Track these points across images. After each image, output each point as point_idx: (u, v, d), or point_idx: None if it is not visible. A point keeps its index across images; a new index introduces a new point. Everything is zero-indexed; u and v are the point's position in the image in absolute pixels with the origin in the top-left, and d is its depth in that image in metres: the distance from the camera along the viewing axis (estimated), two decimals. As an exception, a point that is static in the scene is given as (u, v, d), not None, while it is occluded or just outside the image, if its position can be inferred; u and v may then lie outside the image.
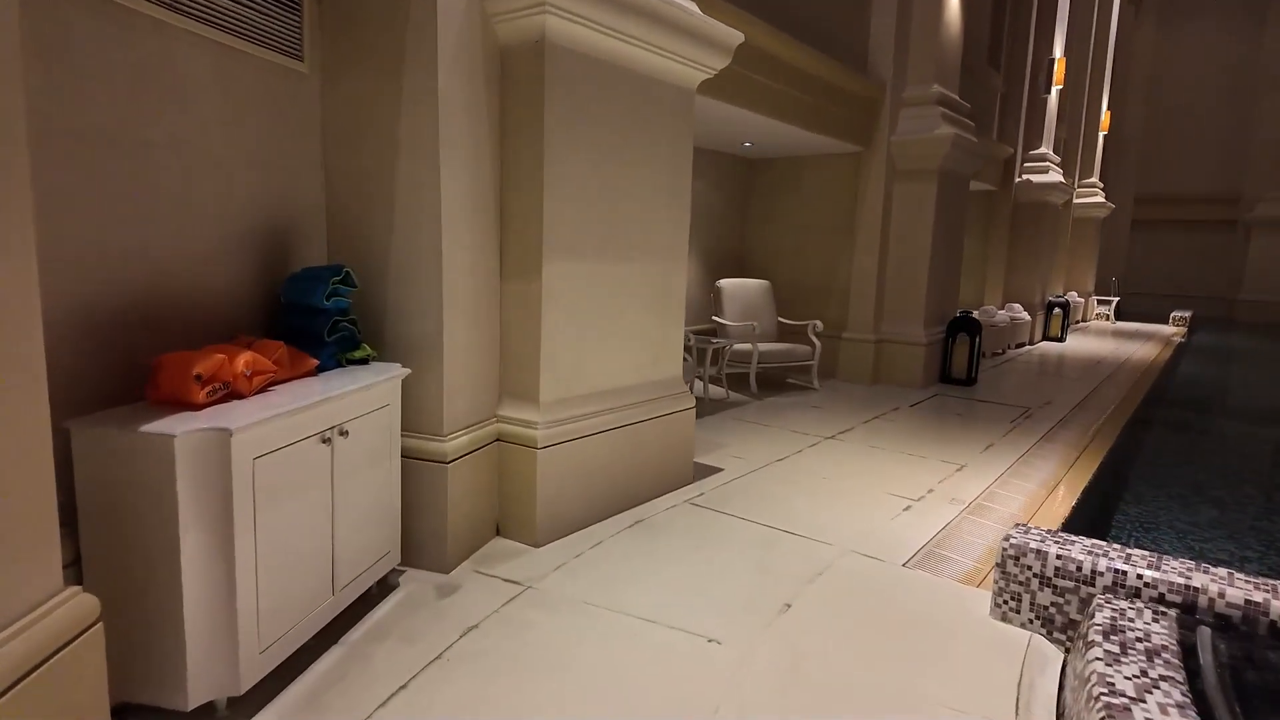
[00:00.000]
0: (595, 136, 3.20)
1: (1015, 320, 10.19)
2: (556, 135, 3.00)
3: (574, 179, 3.12)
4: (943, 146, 6.66)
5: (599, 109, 3.21)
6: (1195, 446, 6.72)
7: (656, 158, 3.57)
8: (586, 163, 3.17)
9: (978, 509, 3.79)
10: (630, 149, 3.40)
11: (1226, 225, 17.96)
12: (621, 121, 3.34)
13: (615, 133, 3.31)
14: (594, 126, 3.19)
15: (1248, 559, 4.13)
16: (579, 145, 3.13)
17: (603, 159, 3.26)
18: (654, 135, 3.53)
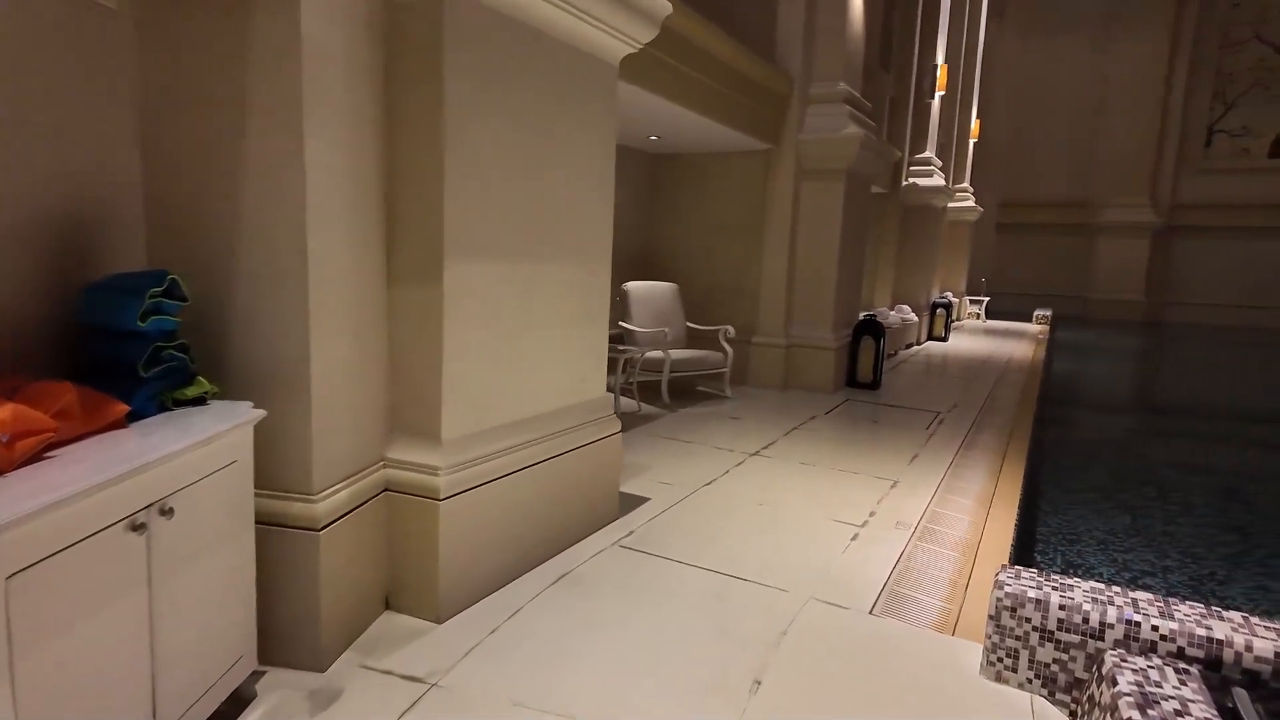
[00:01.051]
0: (511, 107, 2.62)
1: (906, 321, 10.36)
2: (461, 102, 2.40)
3: (485, 159, 2.54)
4: (851, 147, 6.49)
5: (515, 77, 2.63)
6: (1091, 446, 6.92)
7: (582, 140, 3.04)
8: (500, 140, 2.59)
9: (926, 534, 3.51)
10: (553, 127, 2.85)
11: (1079, 229, 19.46)
12: (542, 95, 2.78)
13: (535, 107, 2.74)
14: (509, 95, 2.61)
15: (1169, 568, 4.10)
16: (490, 117, 2.54)
17: (521, 137, 2.69)
18: (578, 114, 3.00)
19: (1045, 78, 19.48)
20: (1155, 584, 3.84)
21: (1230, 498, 5.48)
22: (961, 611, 2.76)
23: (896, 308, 10.61)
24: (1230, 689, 1.94)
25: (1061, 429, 7.36)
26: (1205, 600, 2.28)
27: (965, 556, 3.29)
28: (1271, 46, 17.43)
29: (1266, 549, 4.32)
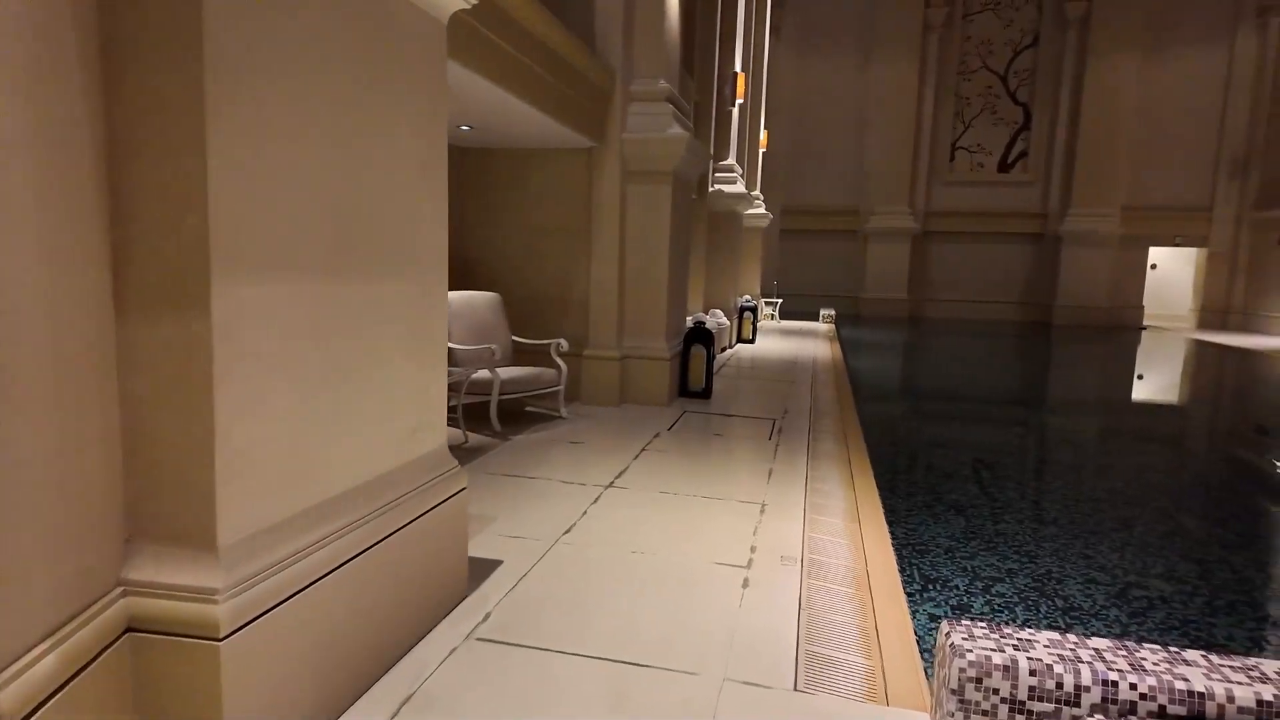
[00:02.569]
0: (308, 62, 1.84)
1: (721, 326, 10.44)
2: (231, 44, 1.60)
3: (269, 129, 1.74)
4: (677, 148, 6.20)
5: (314, 22, 1.85)
6: (906, 442, 7.22)
7: (405, 116, 2.30)
8: (291, 105, 1.81)
9: (814, 568, 3.19)
10: (365, 96, 2.10)
11: (852, 234, 21.34)
12: (351, 52, 2.02)
13: (342, 66, 1.98)
14: (305, 46, 1.83)
15: (1012, 571, 4.16)
16: (278, 75, 1.75)
17: (320, 105, 1.91)
18: (400, 81, 2.26)
19: (819, 93, 21.09)
20: (1008, 591, 3.81)
21: (1035, 483, 5.89)
22: (885, 670, 2.43)
23: (710, 312, 10.66)
24: (1229, 753, 1.73)
25: (878, 427, 7.65)
26: (1117, 634, 2.12)
27: (860, 591, 3.01)
28: (996, 75, 20.28)
29: (1082, 540, 4.56)
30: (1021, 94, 20.12)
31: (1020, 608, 3.40)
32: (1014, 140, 20.34)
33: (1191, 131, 19.25)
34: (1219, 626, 3.31)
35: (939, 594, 3.45)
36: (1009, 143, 20.38)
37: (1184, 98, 19.13)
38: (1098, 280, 19.31)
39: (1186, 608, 3.45)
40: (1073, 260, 19.34)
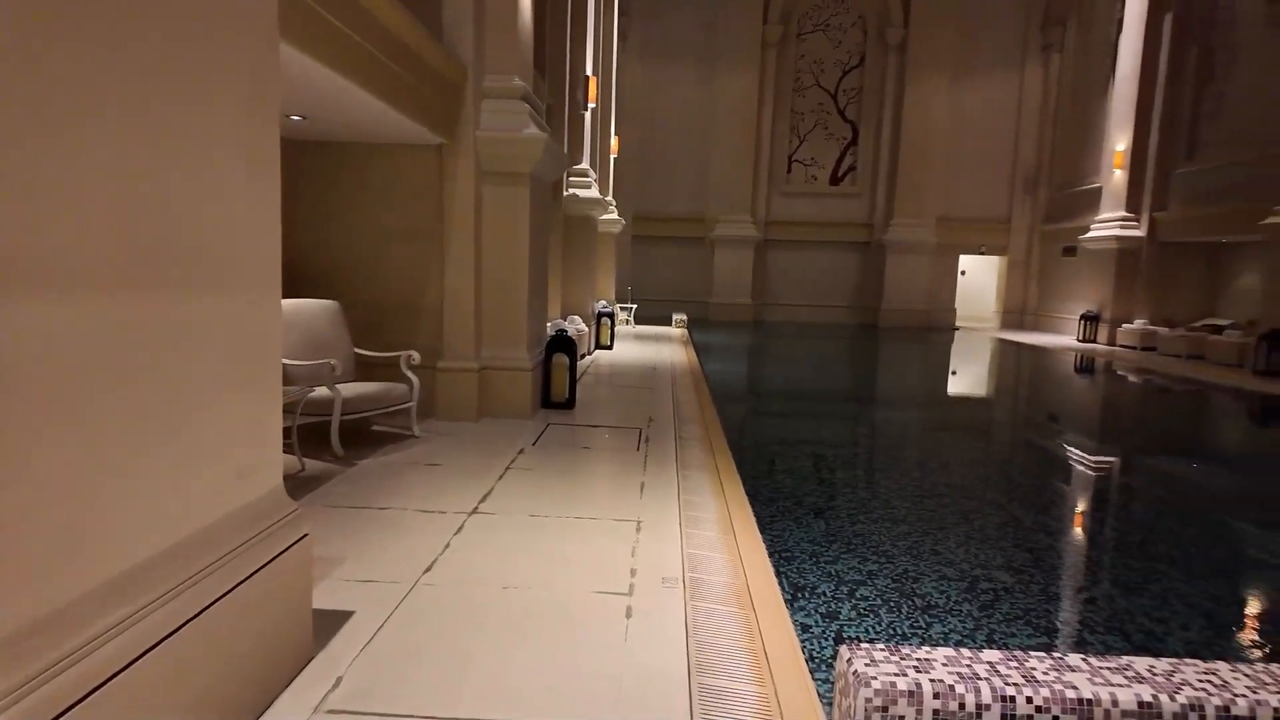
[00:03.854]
0: (99, 23, 1.44)
1: (580, 333, 10.27)
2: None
3: (46, 110, 1.34)
4: (535, 148, 5.95)
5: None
6: (766, 445, 7.38)
7: (228, 101, 1.91)
8: (78, 80, 1.40)
9: (696, 588, 3.08)
10: (179, 73, 1.70)
11: (699, 241, 21.93)
12: (155, 17, 1.62)
13: (142, 32, 1.58)
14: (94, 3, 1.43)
15: (873, 573, 4.30)
16: (57, 35, 1.35)
17: (118, 80, 1.51)
18: (223, 58, 1.87)
19: (667, 103, 21.51)
20: (871, 594, 3.89)
21: (885, 481, 6.21)
22: (779, 696, 2.35)
23: (569, 318, 10.46)
24: (1117, 760, 1.78)
25: (738, 432, 7.79)
26: (1051, 652, 2.17)
27: (744, 609, 2.93)
28: (827, 92, 21.64)
29: (931, 537, 4.82)
30: (850, 111, 21.61)
31: (884, 610, 3.48)
32: (844, 155, 21.79)
33: (992, 151, 21.56)
34: (1055, 613, 3.57)
35: (809, 602, 3.46)
36: (839, 157, 21.82)
37: (985, 120, 21.39)
38: (917, 285, 21.11)
39: (1027, 596, 3.69)
40: (896, 267, 21.02)
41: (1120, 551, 4.47)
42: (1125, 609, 3.55)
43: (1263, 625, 3.63)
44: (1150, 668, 2.01)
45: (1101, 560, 4.38)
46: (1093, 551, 4.58)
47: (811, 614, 3.31)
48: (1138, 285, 16.43)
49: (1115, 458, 7.32)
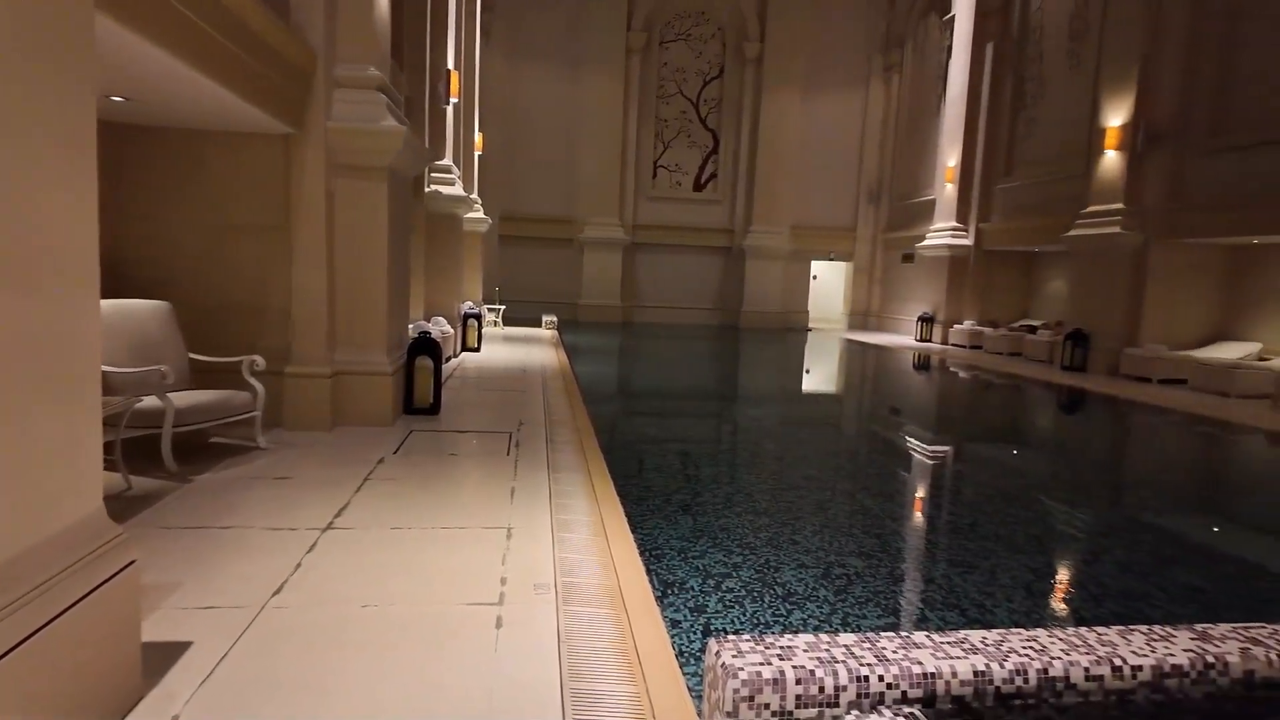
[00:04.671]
0: None
1: (445, 335, 9.94)
2: None
3: None
4: (394, 142, 5.69)
5: None
6: (636, 444, 7.46)
7: (32, 75, 1.67)
8: None
9: (569, 592, 3.06)
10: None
11: (568, 243, 21.87)
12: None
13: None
14: None
15: (738, 565, 4.46)
16: None
17: None
18: (26, 25, 1.63)
19: (532, 102, 21.29)
20: (736, 586, 4.02)
21: (747, 475, 6.45)
22: (650, 695, 2.37)
23: (433, 320, 10.10)
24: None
25: (610, 433, 7.83)
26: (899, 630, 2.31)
27: (616, 610, 2.95)
28: (690, 101, 22.24)
29: (790, 528, 5.06)
30: (711, 121, 22.35)
31: (748, 601, 3.60)
32: (706, 162, 22.50)
33: (840, 163, 23.02)
34: (902, 593, 3.85)
35: (678, 598, 3.53)
36: (702, 164, 22.50)
37: (834, 134, 22.80)
38: (774, 288, 22.17)
39: (876, 579, 3.95)
40: (755, 271, 21.98)
41: (955, 533, 4.89)
42: (960, 586, 3.89)
43: (1072, 592, 4.09)
44: (983, 639, 2.20)
45: (939, 542, 4.78)
46: (931, 534, 4.98)
47: (681, 609, 3.38)
48: (966, 289, 18.10)
49: (949, 447, 8.02)
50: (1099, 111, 13.40)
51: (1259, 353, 11.56)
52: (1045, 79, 15.91)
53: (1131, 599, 3.78)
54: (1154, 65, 12.42)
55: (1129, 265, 12.72)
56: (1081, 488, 6.58)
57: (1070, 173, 14.58)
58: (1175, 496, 6.48)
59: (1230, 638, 2.36)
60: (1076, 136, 14.53)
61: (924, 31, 21.14)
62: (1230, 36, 11.50)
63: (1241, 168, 11.21)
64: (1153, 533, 5.14)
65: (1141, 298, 12.65)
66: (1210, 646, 2.28)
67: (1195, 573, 4.29)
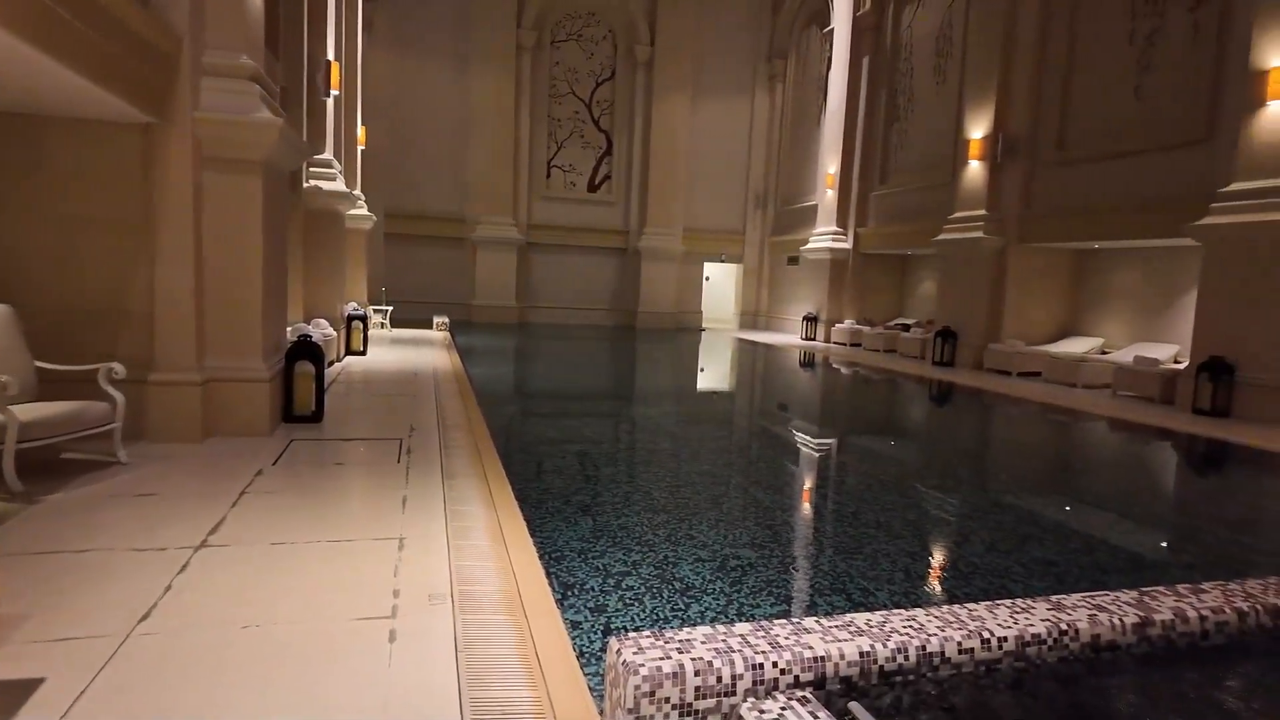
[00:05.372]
0: None
1: (327, 338, 9.48)
2: None
3: None
4: (269, 135, 5.38)
5: None
6: (534, 447, 7.38)
7: None
8: None
9: (466, 600, 3.00)
10: None
11: (460, 242, 21.31)
12: None
13: None
14: None
15: (637, 563, 4.51)
16: None
17: None
18: None
19: (420, 97, 20.62)
20: (636, 584, 4.07)
21: (646, 473, 6.52)
22: (551, 697, 2.37)
23: (314, 322, 9.60)
24: (846, 704, 2.03)
25: (507, 436, 7.71)
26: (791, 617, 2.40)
27: (515, 615, 2.91)
28: (582, 101, 22.21)
29: (687, 523, 5.17)
30: (604, 122, 22.42)
31: (648, 597, 3.65)
32: (599, 163, 22.56)
33: (729, 168, 23.67)
34: (791, 581, 4.01)
35: (579, 599, 3.53)
36: (595, 165, 22.54)
37: (723, 140, 23.41)
38: (668, 289, 22.52)
39: (768, 569, 4.10)
40: (649, 272, 22.24)
41: (840, 521, 5.14)
42: (846, 571, 4.09)
43: (945, 571, 4.39)
44: (868, 621, 2.34)
45: (826, 530, 5.01)
46: (818, 523, 5.22)
47: (582, 610, 3.38)
48: (846, 290, 19.05)
49: (833, 440, 8.42)
50: (962, 124, 14.44)
51: (1101, 347, 12.81)
52: (915, 93, 16.99)
53: (996, 575, 4.10)
54: (1009, 83, 13.51)
55: (990, 268, 13.79)
56: (951, 474, 7.07)
57: (938, 181, 15.63)
58: (1031, 479, 7.08)
59: (1080, 606, 2.61)
60: (943, 147, 15.61)
61: (805, 43, 22.09)
62: (1070, 59, 12.68)
63: (1082, 179, 12.39)
64: (1013, 513, 5.60)
65: (1002, 298, 13.74)
66: (1064, 615, 2.52)
67: (1049, 548, 4.70)
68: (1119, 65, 11.73)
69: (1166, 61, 10.98)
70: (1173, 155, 10.80)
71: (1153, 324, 12.23)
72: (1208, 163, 10.07)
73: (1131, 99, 11.52)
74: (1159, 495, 7.00)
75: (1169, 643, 2.55)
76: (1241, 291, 9.21)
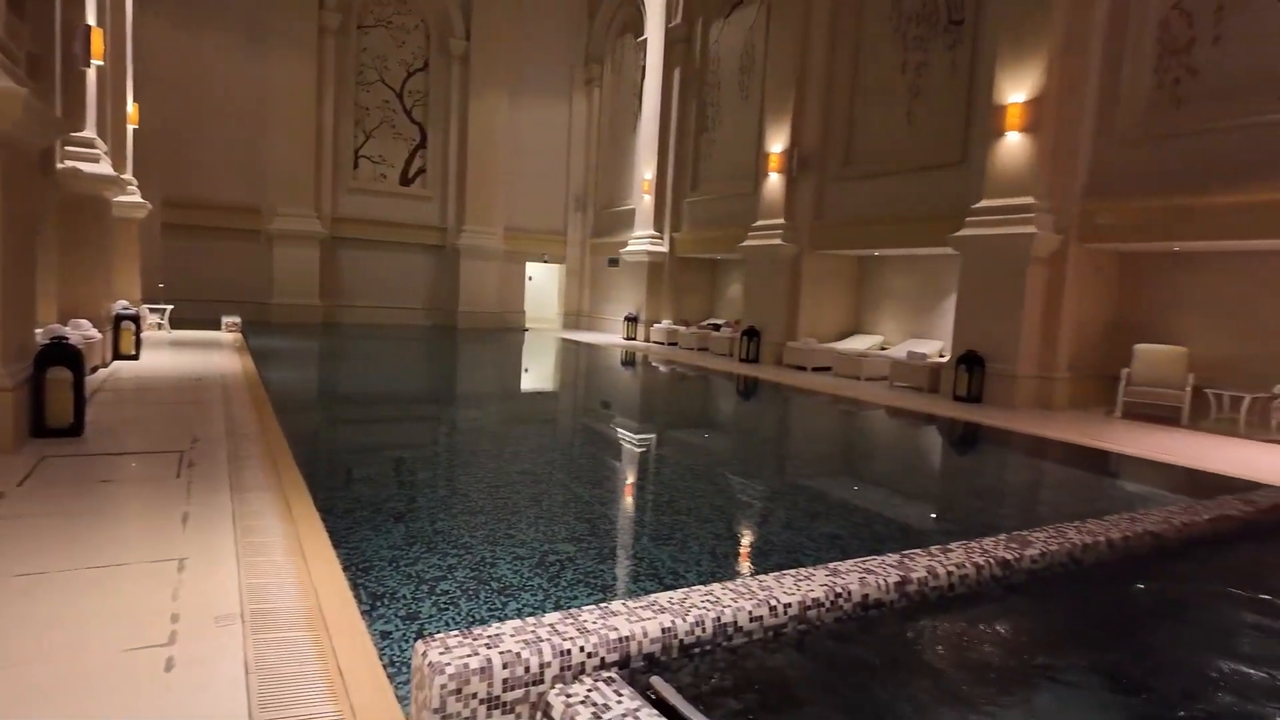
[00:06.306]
0: None
1: (89, 340, 8.31)
2: None
3: None
4: (12, 107, 4.63)
5: None
6: (340, 455, 6.96)
7: None
8: None
9: (260, 620, 2.79)
10: None
11: (256, 234, 19.40)
12: None
13: None
14: None
15: (453, 567, 4.39)
16: None
17: None
18: None
19: (205, 74, 18.58)
20: (451, 588, 3.98)
21: (464, 476, 6.39)
22: (355, 710, 2.28)
23: (72, 323, 8.37)
24: (649, 680, 2.14)
25: (309, 445, 7.20)
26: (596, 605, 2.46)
27: (316, 631, 2.76)
28: (393, 91, 21.18)
29: (506, 523, 5.14)
30: (417, 114, 21.55)
31: (464, 600, 3.60)
32: (413, 156, 21.65)
33: (549, 169, 23.70)
34: (608, 571, 4.14)
35: (389, 608, 3.41)
36: (409, 158, 21.61)
37: (543, 140, 23.39)
38: (489, 289, 22.13)
39: (586, 560, 4.19)
40: (469, 271, 21.72)
41: (655, 511, 5.37)
42: (659, 556, 4.29)
43: (747, 549, 4.73)
44: (670, 599, 2.49)
45: (643, 520, 5.21)
46: (635, 514, 5.41)
47: (392, 620, 3.26)
48: (664, 292, 19.80)
49: (652, 434, 8.75)
50: (764, 138, 15.55)
51: (881, 343, 14.37)
52: (723, 105, 18.04)
53: (790, 551, 4.49)
54: (803, 103, 14.75)
55: (788, 272, 14.98)
56: (754, 461, 7.62)
57: (744, 190, 16.71)
58: (822, 463, 7.81)
59: (853, 571, 2.95)
60: (748, 159, 16.71)
61: (621, 50, 22.65)
62: (854, 84, 14.10)
63: (864, 193, 13.83)
64: (806, 493, 6.15)
65: (798, 300, 14.97)
66: (839, 580, 2.83)
67: (835, 523, 5.23)
68: (894, 92, 13.22)
69: (931, 91, 12.56)
70: (936, 174, 12.37)
71: (922, 323, 13.93)
72: (964, 182, 11.64)
73: (905, 123, 13.04)
74: (925, 472, 8.00)
75: (924, 597, 2.96)
76: (988, 294, 10.76)
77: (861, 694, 2.51)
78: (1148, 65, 9.66)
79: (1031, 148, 10.22)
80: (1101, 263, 10.62)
